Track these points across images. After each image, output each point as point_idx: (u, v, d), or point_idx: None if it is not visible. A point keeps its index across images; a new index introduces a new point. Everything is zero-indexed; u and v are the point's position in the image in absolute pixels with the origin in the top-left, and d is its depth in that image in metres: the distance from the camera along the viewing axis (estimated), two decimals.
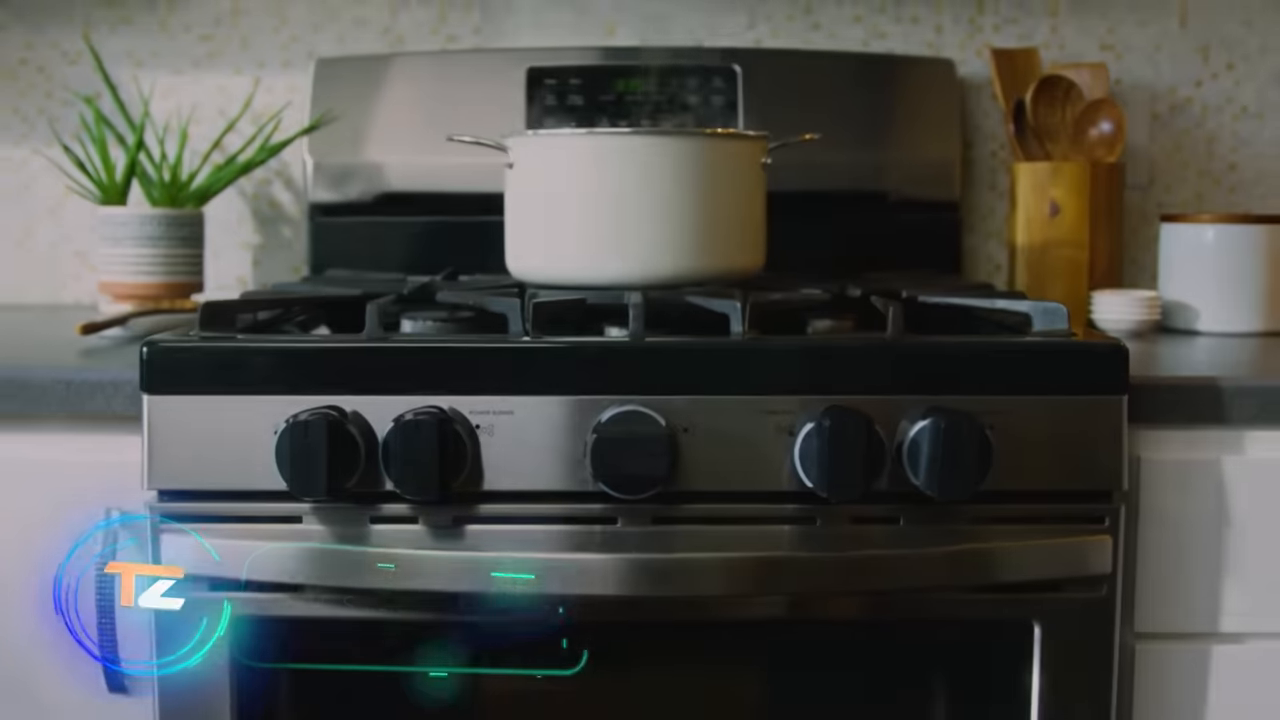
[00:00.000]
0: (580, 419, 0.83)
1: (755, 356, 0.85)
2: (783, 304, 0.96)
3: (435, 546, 0.83)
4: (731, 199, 0.99)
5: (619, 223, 0.97)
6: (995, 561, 0.84)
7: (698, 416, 0.84)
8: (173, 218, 1.25)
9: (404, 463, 0.80)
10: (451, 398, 0.84)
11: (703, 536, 0.84)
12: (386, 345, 0.85)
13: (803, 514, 0.84)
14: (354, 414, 0.83)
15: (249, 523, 0.84)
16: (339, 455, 0.80)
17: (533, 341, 0.86)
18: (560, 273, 0.99)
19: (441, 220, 1.32)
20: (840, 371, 0.85)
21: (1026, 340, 0.88)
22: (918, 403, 0.84)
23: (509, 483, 0.84)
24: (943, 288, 1.08)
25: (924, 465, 0.80)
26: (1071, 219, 1.26)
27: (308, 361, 0.85)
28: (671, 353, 0.85)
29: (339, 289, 1.05)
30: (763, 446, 0.84)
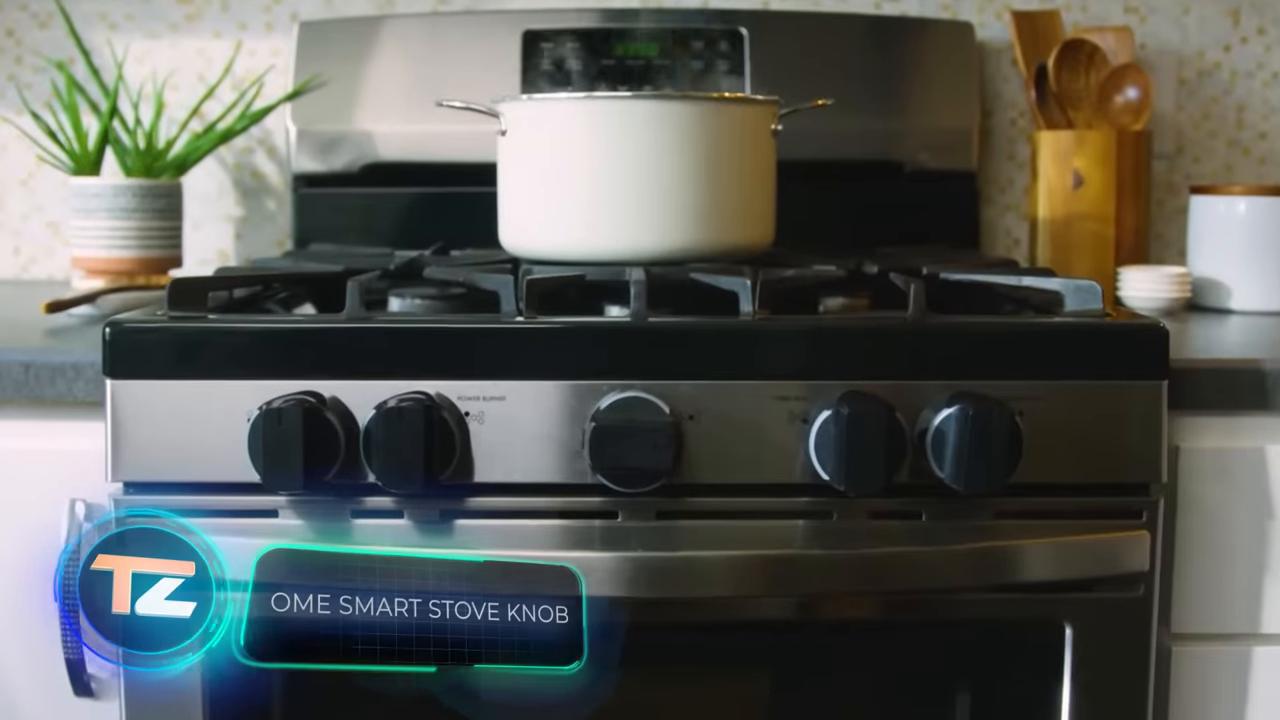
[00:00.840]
0: (577, 406, 0.77)
1: (766, 338, 0.79)
2: (795, 281, 0.89)
3: (421, 543, 0.77)
4: (740, 168, 0.93)
5: (619, 194, 0.90)
6: (1024, 559, 0.78)
7: (704, 403, 0.77)
8: (148, 188, 1.18)
9: (387, 453, 0.74)
10: (438, 383, 0.77)
11: (710, 532, 0.78)
12: (368, 326, 0.79)
13: (817, 508, 0.78)
14: (333, 400, 0.77)
15: (222, 517, 0.78)
16: (316, 445, 0.74)
17: (526, 322, 0.79)
18: (556, 247, 0.93)
19: (432, 192, 1.26)
20: (858, 354, 0.79)
21: (1060, 321, 0.82)
22: (942, 388, 0.78)
23: (501, 474, 0.78)
24: (965, 264, 1.02)
25: (949, 456, 0.74)
26: (1096, 191, 1.20)
27: (283, 343, 0.78)
28: (676, 334, 0.79)
29: (320, 265, 0.99)
30: (774, 435, 0.78)
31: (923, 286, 0.81)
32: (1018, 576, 0.78)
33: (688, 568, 0.75)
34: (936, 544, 0.78)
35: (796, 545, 0.78)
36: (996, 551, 0.78)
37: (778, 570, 0.76)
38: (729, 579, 0.76)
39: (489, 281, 0.86)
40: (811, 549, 0.77)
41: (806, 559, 0.76)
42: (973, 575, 0.78)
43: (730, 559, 0.76)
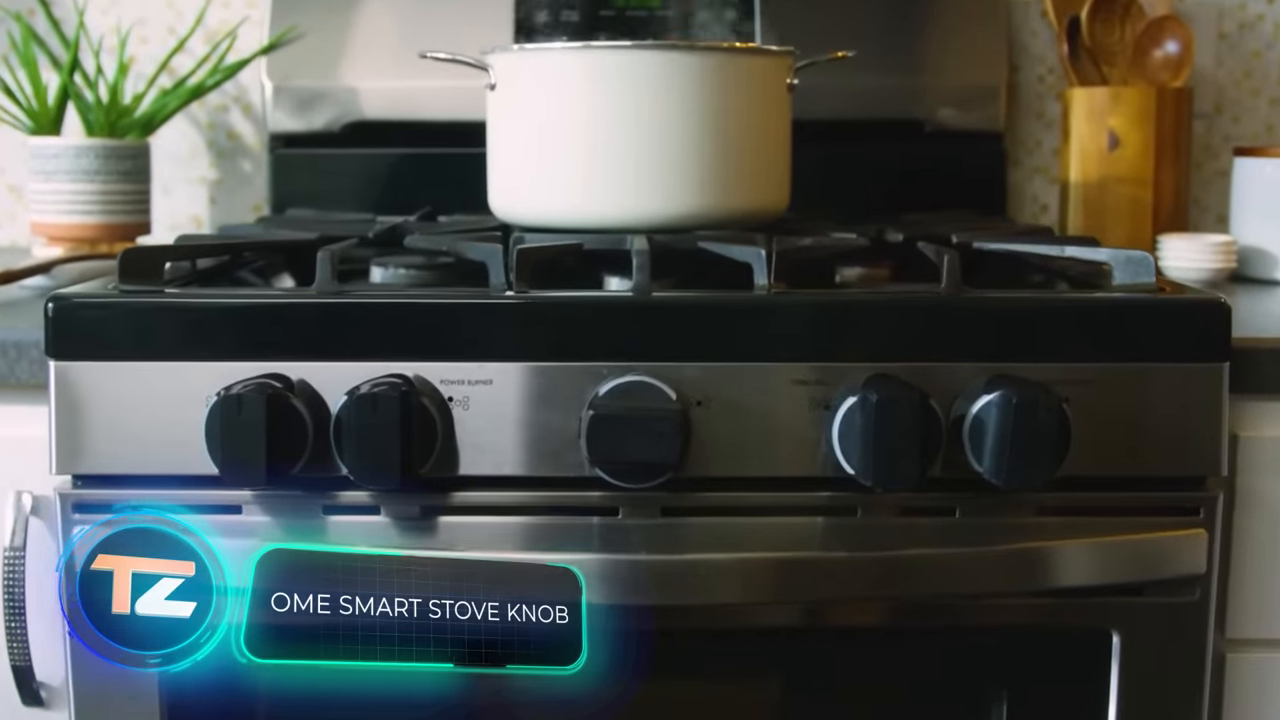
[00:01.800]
0: (573, 390, 0.69)
1: (784, 314, 0.71)
2: (814, 251, 0.81)
3: (400, 543, 0.70)
4: (753, 126, 0.84)
5: (619, 153, 0.82)
6: (1068, 561, 0.71)
7: (714, 387, 0.70)
8: (112, 149, 1.09)
9: (359, 445, 0.66)
10: (418, 364, 0.70)
11: (720, 531, 0.70)
12: (339, 301, 0.71)
13: (840, 504, 0.71)
14: (300, 384, 0.69)
15: (180, 514, 0.71)
16: (281, 435, 0.66)
17: (516, 296, 0.71)
18: (550, 213, 0.85)
19: (420, 153, 1.17)
20: (887, 333, 0.71)
21: (1112, 296, 0.73)
22: (978, 371, 0.70)
23: (488, 466, 0.70)
24: (997, 232, 0.93)
25: (989, 449, 0.66)
26: (1133, 152, 1.11)
27: (244, 321, 0.70)
28: (682, 310, 0.71)
29: (292, 232, 0.91)
30: (792, 423, 0.70)
31: (957, 258, 0.73)
32: (1061, 580, 0.71)
33: (696, 572, 0.68)
34: (971, 544, 0.70)
35: (816, 546, 0.70)
36: (1038, 553, 0.70)
37: (796, 575, 0.68)
38: (741, 584, 0.68)
39: (475, 251, 0.78)
40: (833, 550, 0.69)
41: (828, 562, 0.69)
42: (1011, 579, 0.70)
43: (742, 562, 0.68)
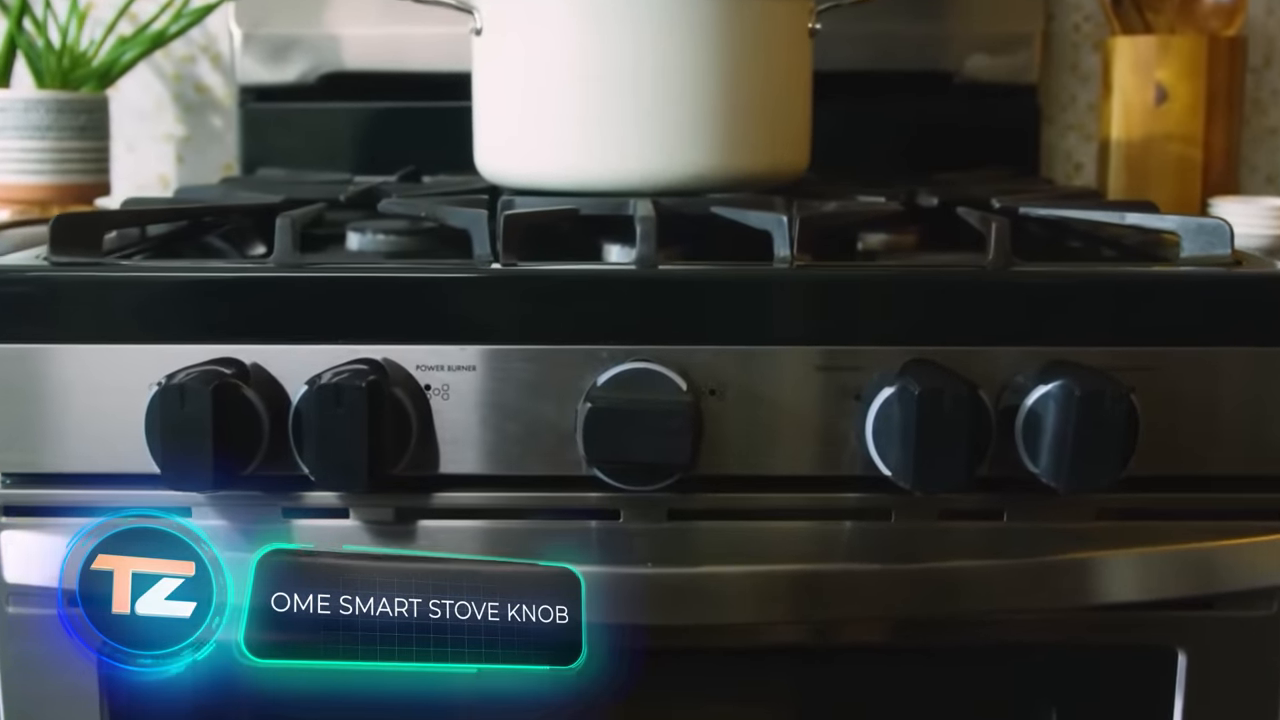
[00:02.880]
0: (569, 378, 0.61)
1: (809, 290, 0.62)
2: (840, 217, 0.72)
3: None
4: (771, 75, 0.75)
5: (621, 105, 0.72)
6: (1131, 572, 0.62)
7: (729, 374, 0.61)
8: (65, 102, 1.00)
9: (320, 441, 0.57)
10: (390, 347, 0.61)
11: (735, 538, 0.62)
12: (297, 275, 0.62)
13: (872, 507, 0.62)
14: (255, 370, 0.61)
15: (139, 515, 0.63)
16: (231, 430, 0.58)
17: (503, 269, 0.62)
18: (543, 173, 0.76)
19: (402, 107, 1.08)
20: (927, 313, 0.62)
21: (1189, 271, 0.64)
22: (1030, 356, 0.61)
23: (470, 464, 0.62)
24: (1040, 195, 0.84)
25: (1047, 448, 0.58)
26: (1182, 107, 1.02)
27: (189, 298, 0.62)
28: (693, 285, 0.62)
29: (255, 195, 0.81)
30: (819, 416, 0.61)
31: (1007, 226, 0.64)
32: (1122, 594, 0.62)
33: (707, 587, 0.59)
34: (1022, 553, 0.61)
35: (845, 556, 0.62)
36: (1097, 564, 0.62)
37: (822, 590, 0.60)
38: (760, 602, 0.60)
39: (457, 217, 0.69)
40: (865, 561, 0.61)
41: (859, 576, 0.60)
42: (1068, 593, 0.62)
43: (761, 576, 0.60)
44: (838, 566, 0.61)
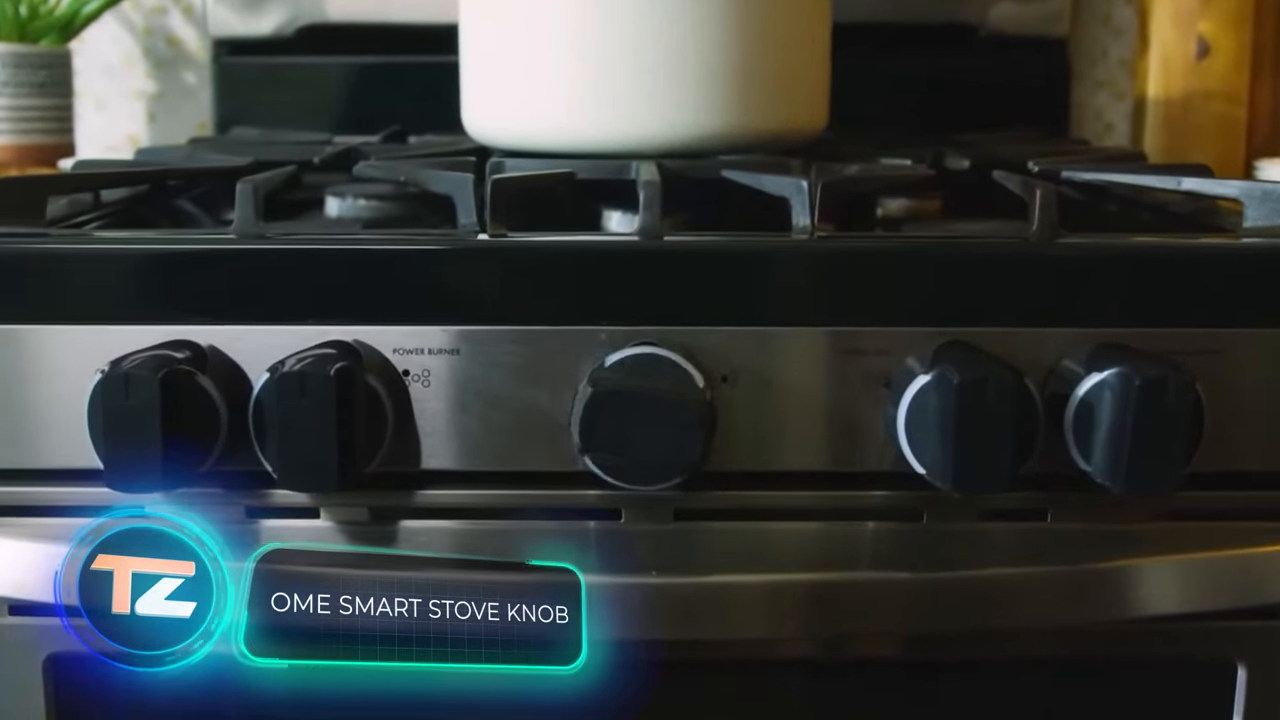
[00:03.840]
0: (565, 362, 0.54)
1: (833, 265, 0.55)
2: (864, 182, 0.66)
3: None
4: (788, 25, 0.68)
5: (622, 57, 0.66)
6: (1187, 579, 0.56)
7: (743, 358, 0.54)
8: (23, 56, 0.93)
9: (283, 438, 0.51)
10: (364, 328, 0.54)
11: (749, 541, 0.56)
12: (259, 247, 0.55)
13: (901, 505, 0.56)
14: (212, 353, 0.54)
15: (63, 516, 0.57)
16: (183, 423, 0.51)
17: (491, 239, 0.56)
18: (536, 133, 0.69)
19: (387, 61, 1.01)
20: (964, 290, 0.55)
21: (1260, 244, 0.57)
22: (1079, 339, 0.55)
23: (454, 459, 0.55)
24: (1078, 157, 0.77)
25: (1101, 444, 0.51)
26: (1226, 62, 0.95)
27: (138, 273, 0.55)
28: (703, 258, 0.55)
29: (221, 157, 0.75)
30: (843, 405, 0.55)
31: (1053, 193, 0.57)
32: (1177, 603, 0.56)
33: (718, 598, 0.53)
34: (1067, 557, 0.55)
35: (870, 561, 0.55)
36: (1150, 570, 0.56)
37: (846, 603, 0.54)
38: (776, 615, 0.54)
39: (440, 181, 0.62)
40: (892, 568, 0.55)
41: (887, 586, 0.54)
42: (1118, 602, 0.56)
43: (778, 587, 0.53)
44: (863, 575, 0.54)
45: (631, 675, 0.56)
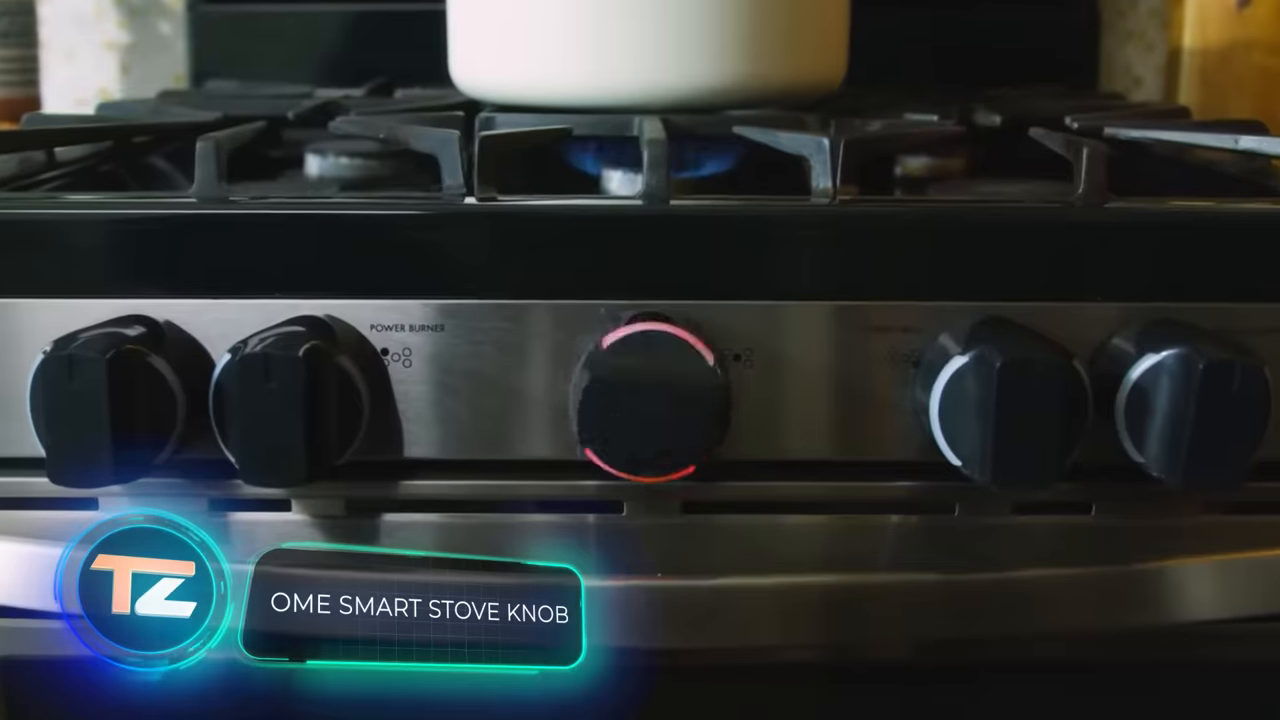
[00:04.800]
0: (562, 340, 0.49)
1: (861, 232, 0.50)
2: (890, 141, 0.60)
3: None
4: None
5: (624, 2, 0.60)
6: (1247, 578, 0.51)
7: (759, 336, 0.49)
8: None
9: (245, 427, 0.46)
10: (338, 302, 0.49)
11: (763, 537, 0.50)
12: (219, 212, 0.50)
13: (931, 497, 0.51)
14: (170, 330, 0.49)
15: (13, 509, 0.52)
16: (136, 409, 0.46)
17: (479, 203, 0.50)
18: (529, 85, 0.63)
19: (373, 9, 0.95)
20: (1004, 260, 0.50)
21: None
22: (1131, 314, 0.49)
23: (438, 447, 0.50)
24: (1120, 113, 0.72)
25: (1159, 433, 0.46)
26: (1269, 11, 0.89)
27: (87, 241, 0.49)
28: (714, 224, 0.50)
29: (187, 111, 0.69)
30: (869, 387, 0.50)
31: (1103, 152, 0.52)
32: (1237, 605, 0.51)
33: (731, 603, 0.48)
34: (1115, 555, 0.50)
35: (897, 559, 0.50)
36: (1207, 569, 0.51)
37: (871, 607, 0.49)
38: (794, 621, 0.48)
39: (423, 139, 0.56)
40: (922, 570, 0.49)
41: (915, 588, 0.49)
42: (1168, 607, 0.51)
43: (795, 590, 0.48)
44: (890, 578, 0.49)
45: (633, 676, 0.51)
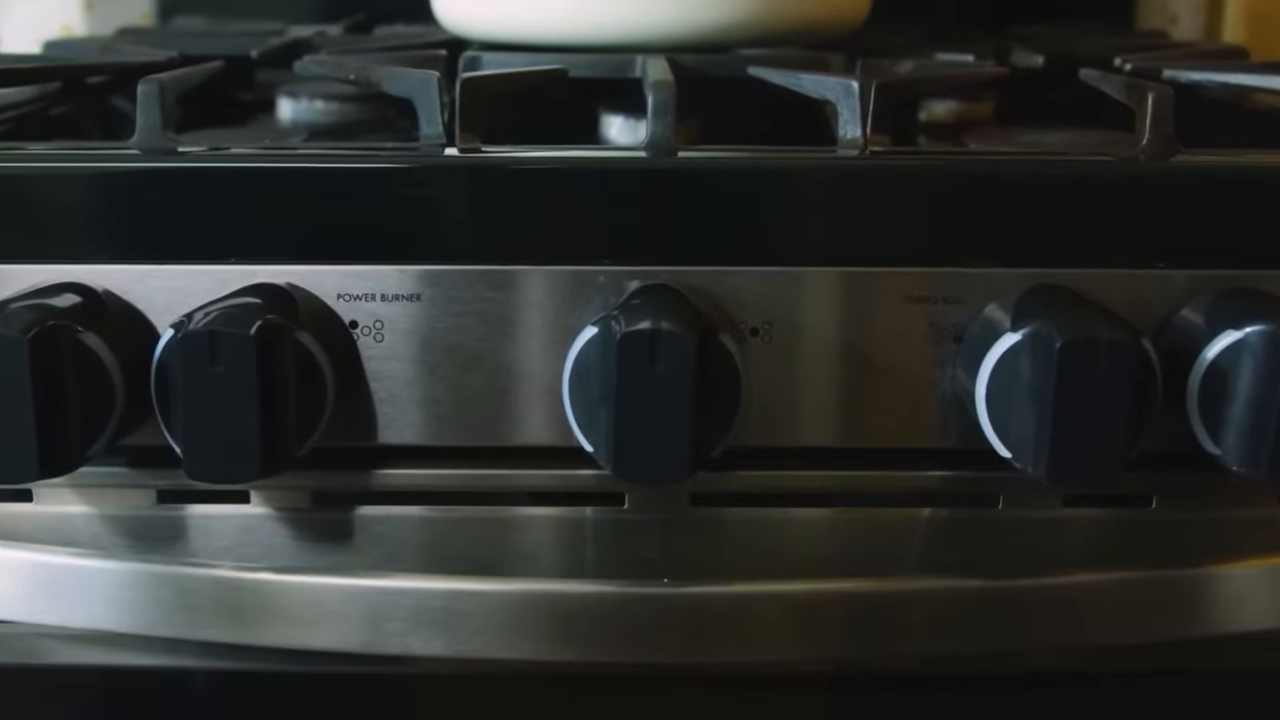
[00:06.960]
0: (554, 312, 0.43)
1: (896, 187, 0.44)
2: (925, 84, 0.54)
3: (274, 563, 0.44)
4: None
5: None
6: None
7: (778, 307, 0.43)
8: None
9: (190, 415, 0.40)
10: (301, 268, 0.43)
11: (781, 534, 0.45)
12: (164, 165, 0.43)
13: (972, 490, 0.45)
14: (109, 298, 0.43)
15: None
16: (66, 393, 0.40)
17: (461, 154, 0.44)
18: (519, 21, 0.57)
19: None
20: (1057, 221, 0.44)
21: None
22: (1204, 283, 0.43)
23: (416, 431, 0.44)
24: (1170, 54, 0.65)
25: (1238, 423, 0.40)
26: None
27: (13, 198, 0.43)
28: (728, 178, 0.44)
29: (140, 50, 0.62)
30: (904, 364, 0.44)
31: (1169, 97, 0.46)
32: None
33: (742, 610, 0.42)
34: (1180, 555, 0.45)
35: (928, 563, 0.45)
36: (1273, 573, 0.45)
37: (893, 614, 0.43)
38: (811, 634, 0.43)
39: (399, 81, 0.50)
40: (958, 576, 0.44)
41: (950, 594, 0.43)
42: (1235, 615, 0.45)
43: (817, 598, 0.42)
44: (924, 584, 0.43)
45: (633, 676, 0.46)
